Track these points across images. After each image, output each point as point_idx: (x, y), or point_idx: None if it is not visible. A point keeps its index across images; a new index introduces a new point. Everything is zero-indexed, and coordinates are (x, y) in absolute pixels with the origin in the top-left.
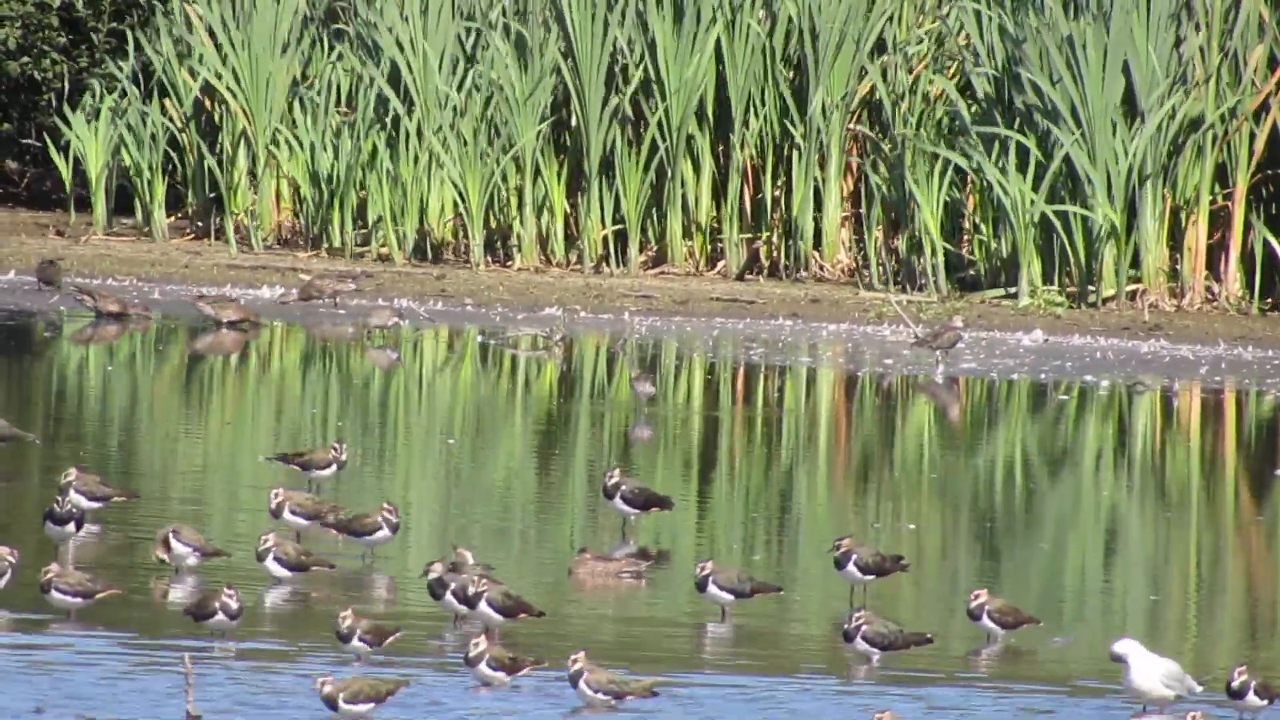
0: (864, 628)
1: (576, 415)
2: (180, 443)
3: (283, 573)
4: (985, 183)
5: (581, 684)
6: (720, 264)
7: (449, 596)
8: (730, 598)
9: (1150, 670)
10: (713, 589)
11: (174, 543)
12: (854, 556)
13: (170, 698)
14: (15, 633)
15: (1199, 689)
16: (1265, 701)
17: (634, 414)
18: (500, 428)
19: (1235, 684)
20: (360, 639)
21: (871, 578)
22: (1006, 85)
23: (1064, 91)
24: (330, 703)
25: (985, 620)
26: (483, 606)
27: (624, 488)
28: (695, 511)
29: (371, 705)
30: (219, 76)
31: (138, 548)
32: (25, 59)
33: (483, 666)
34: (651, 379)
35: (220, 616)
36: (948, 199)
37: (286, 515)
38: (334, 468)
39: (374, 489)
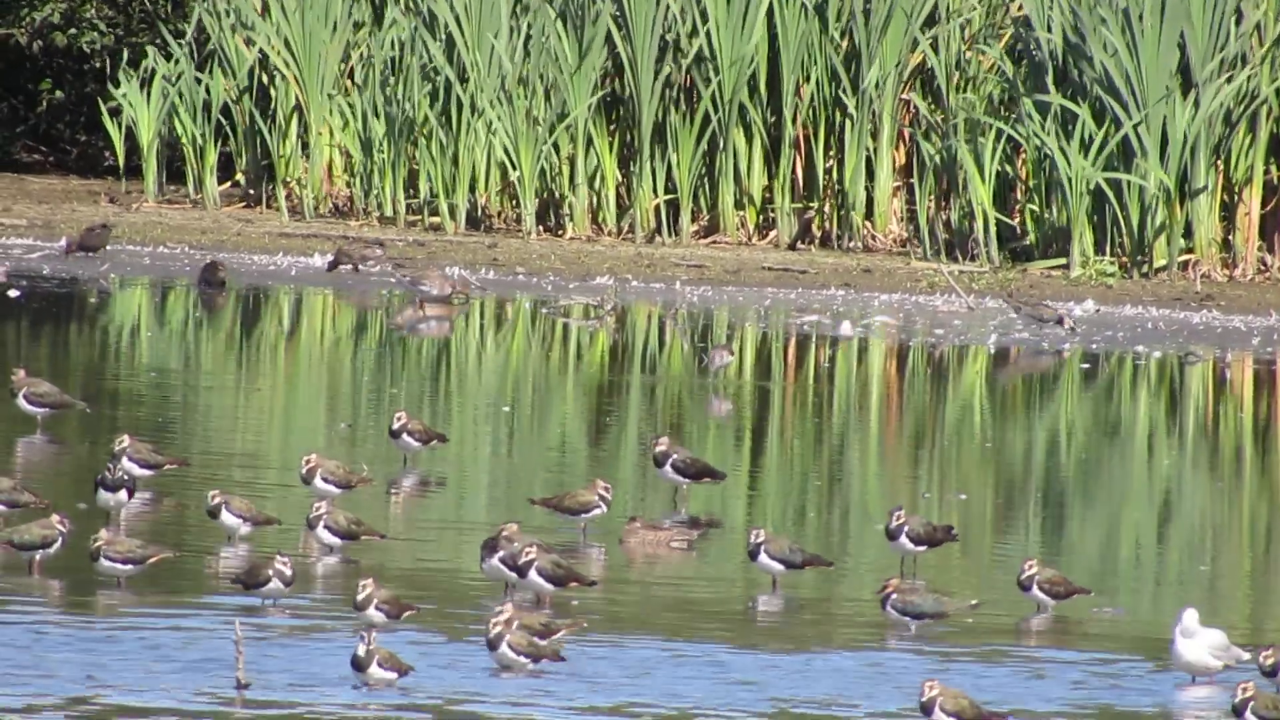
0: (894, 596)
1: (628, 384)
2: (234, 410)
3: (334, 540)
4: (1039, 153)
5: (503, 647)
6: (772, 234)
7: (497, 563)
8: (781, 568)
9: (1196, 642)
10: (764, 558)
11: (224, 514)
12: (906, 528)
13: (222, 664)
14: (66, 600)
15: (1246, 658)
16: None
17: (710, 387)
18: (552, 397)
19: (1266, 664)
20: (377, 608)
21: (923, 548)
22: (1060, 55)
23: (1119, 63)
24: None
25: (1035, 591)
26: (533, 575)
27: (674, 456)
28: (746, 481)
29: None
30: (272, 45)
31: (188, 515)
32: (72, 30)
33: (504, 649)
34: (729, 349)
35: (274, 584)
36: (999, 169)
37: (318, 482)
38: (600, 510)
39: (426, 460)
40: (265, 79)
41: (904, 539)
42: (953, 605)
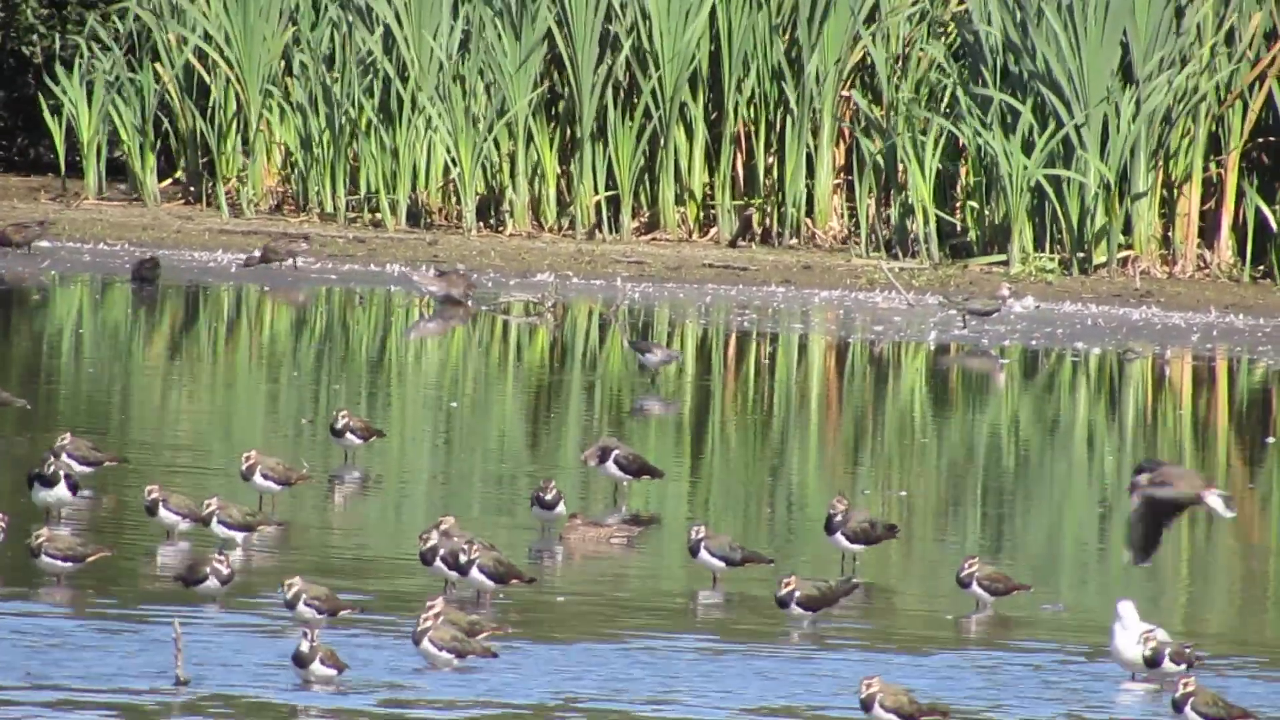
0: (796, 593)
1: (568, 381)
2: (174, 407)
3: (230, 534)
4: (979, 149)
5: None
6: (712, 231)
7: (439, 562)
8: (722, 565)
9: (1132, 638)
10: (705, 555)
11: (162, 510)
12: (845, 525)
13: (160, 662)
14: (4, 598)
15: (1185, 652)
16: (1184, 665)
17: (641, 385)
18: (492, 394)
19: (1149, 652)
20: (306, 604)
21: (861, 546)
22: (1002, 51)
23: (1061, 59)
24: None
25: (975, 587)
26: (474, 573)
27: (616, 453)
28: (687, 478)
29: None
30: (208, 39)
31: (127, 513)
32: (12, 33)
33: (426, 644)
34: (661, 348)
35: (212, 581)
36: (940, 166)
37: (257, 479)
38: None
39: (364, 457)
40: (206, 76)
41: (840, 536)
42: (835, 591)
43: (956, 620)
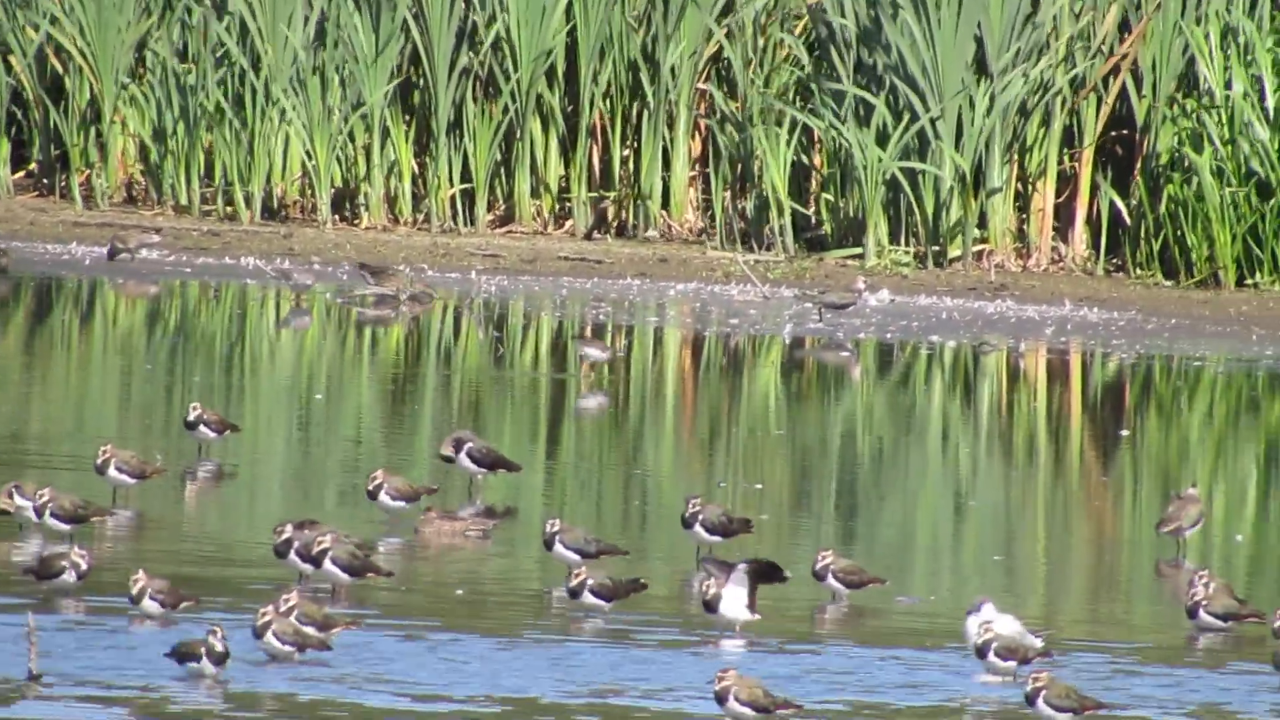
0: (589, 581)
1: (423, 374)
2: (26, 400)
3: (62, 527)
4: (834, 142)
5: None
6: (568, 223)
7: (293, 555)
8: (577, 558)
9: (974, 628)
10: (560, 548)
11: (16, 498)
12: (701, 516)
13: (13, 656)
14: None
15: (1039, 645)
16: (1013, 663)
17: (501, 380)
18: (346, 387)
19: (979, 642)
20: (151, 598)
21: (718, 538)
22: (856, 43)
23: (916, 52)
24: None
25: (830, 580)
26: (328, 565)
27: (470, 446)
28: (542, 472)
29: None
30: (66, 33)
31: None
32: None
33: (269, 638)
34: (600, 344)
35: (68, 576)
36: (795, 159)
37: (112, 472)
38: None
39: (219, 450)
40: (60, 68)
41: (699, 528)
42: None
43: (811, 613)
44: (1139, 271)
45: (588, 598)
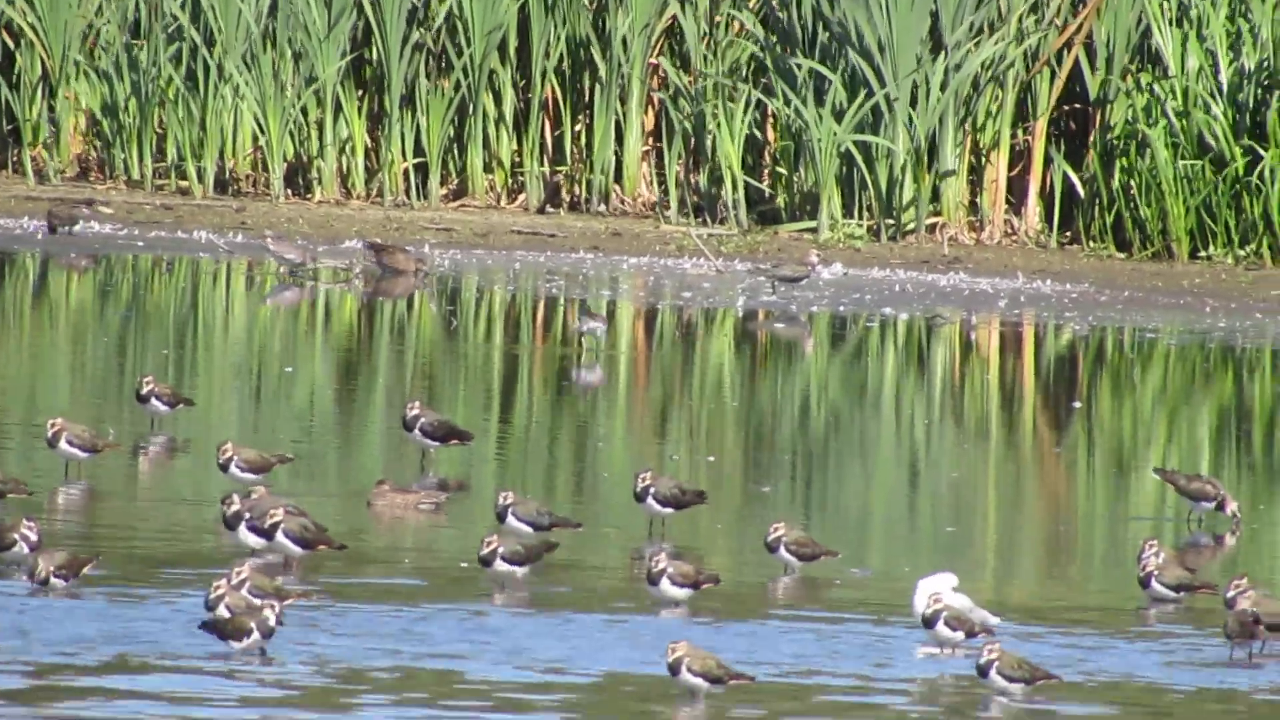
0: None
1: (377, 348)
2: None
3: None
4: (787, 116)
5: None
6: (521, 197)
7: (244, 529)
8: (529, 530)
9: (922, 599)
10: (512, 520)
11: None
12: (653, 489)
13: None
14: None
15: (994, 621)
16: (961, 634)
17: (451, 352)
18: (299, 361)
19: (928, 613)
20: (56, 575)
21: (671, 511)
22: (812, 19)
23: (870, 25)
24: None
25: (782, 552)
26: (280, 538)
27: (423, 420)
28: (495, 445)
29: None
30: (11, 2)
31: None
32: None
33: (221, 611)
34: (601, 316)
35: (20, 548)
36: (749, 133)
37: (63, 445)
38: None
39: (169, 424)
40: (10, 43)
41: (651, 500)
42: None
43: (764, 585)
44: (1092, 244)
45: (500, 565)
